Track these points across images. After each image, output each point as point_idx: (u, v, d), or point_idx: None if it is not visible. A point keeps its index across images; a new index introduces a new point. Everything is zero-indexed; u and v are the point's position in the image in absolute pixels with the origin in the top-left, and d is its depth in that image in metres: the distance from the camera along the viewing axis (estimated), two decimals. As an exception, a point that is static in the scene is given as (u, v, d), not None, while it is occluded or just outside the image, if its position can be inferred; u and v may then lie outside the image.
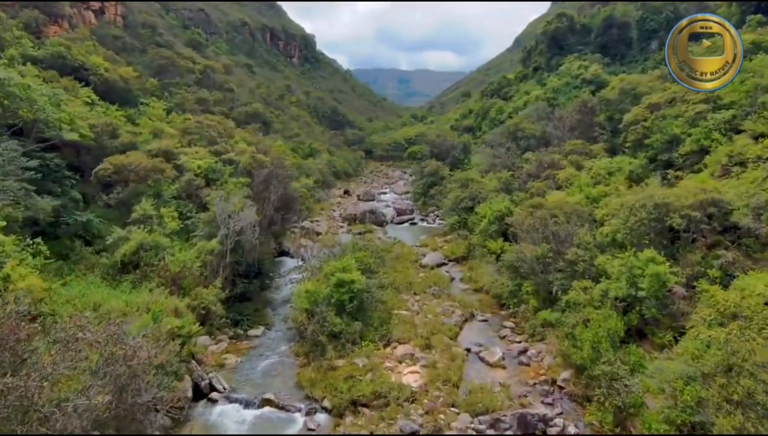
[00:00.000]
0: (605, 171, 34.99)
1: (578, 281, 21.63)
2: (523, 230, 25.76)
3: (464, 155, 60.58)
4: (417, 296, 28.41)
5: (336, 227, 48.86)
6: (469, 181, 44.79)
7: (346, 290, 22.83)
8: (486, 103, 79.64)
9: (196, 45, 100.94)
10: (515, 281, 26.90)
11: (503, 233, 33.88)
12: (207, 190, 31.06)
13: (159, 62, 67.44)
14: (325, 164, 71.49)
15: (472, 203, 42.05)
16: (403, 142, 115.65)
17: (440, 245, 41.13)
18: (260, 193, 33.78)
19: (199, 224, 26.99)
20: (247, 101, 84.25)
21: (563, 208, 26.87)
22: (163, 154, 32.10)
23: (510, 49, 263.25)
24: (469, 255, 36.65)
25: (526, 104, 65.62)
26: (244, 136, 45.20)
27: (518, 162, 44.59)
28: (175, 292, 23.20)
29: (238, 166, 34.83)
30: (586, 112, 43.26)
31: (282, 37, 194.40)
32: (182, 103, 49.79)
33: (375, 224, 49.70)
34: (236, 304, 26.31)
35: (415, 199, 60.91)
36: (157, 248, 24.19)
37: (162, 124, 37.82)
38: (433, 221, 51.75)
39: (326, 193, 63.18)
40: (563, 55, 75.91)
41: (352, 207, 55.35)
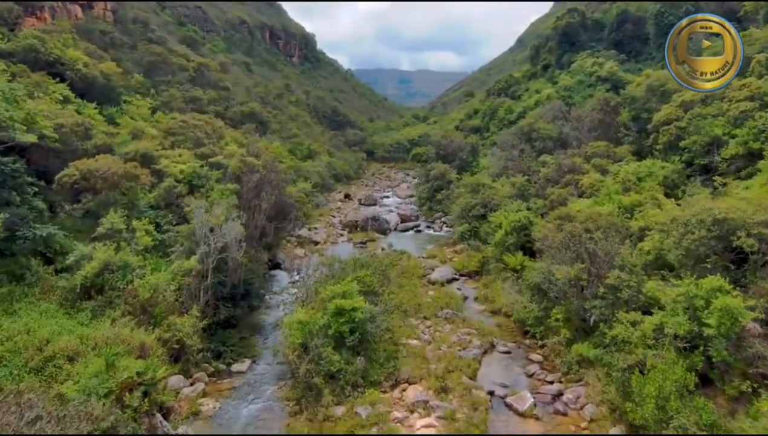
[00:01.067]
0: (635, 176, 31.42)
1: (623, 312, 18.07)
2: (552, 247, 22.14)
3: (472, 157, 57.00)
4: (427, 321, 24.85)
5: (336, 235, 45.31)
6: (479, 185, 41.22)
7: (346, 320, 19.29)
8: (494, 103, 76.08)
9: (192, 42, 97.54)
10: (541, 304, 23.32)
11: (522, 245, 30.34)
12: (190, 198, 27.52)
13: (149, 59, 63.99)
14: (325, 166, 67.99)
15: (484, 211, 38.50)
16: (405, 142, 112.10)
17: (449, 257, 37.57)
18: (250, 201, 30.24)
19: (178, 238, 23.42)
20: (244, 100, 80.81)
21: (597, 220, 23.28)
22: (140, 157, 28.61)
23: (512, 49, 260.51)
24: (482, 269, 33.07)
25: (537, 103, 62.06)
26: (236, 137, 41.68)
27: (534, 166, 41.02)
28: (145, 322, 19.66)
29: (227, 171, 31.28)
30: (609, 111, 39.69)
31: (282, 36, 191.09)
32: (169, 101, 46.27)
33: (378, 232, 46.16)
34: (219, 331, 22.75)
35: (419, 203, 57.35)
36: (125, 269, 20.63)
37: (143, 124, 34.31)
38: (440, 229, 48.19)
39: (325, 198, 59.64)
40: (575, 52, 72.34)
41: (352, 213, 51.81)
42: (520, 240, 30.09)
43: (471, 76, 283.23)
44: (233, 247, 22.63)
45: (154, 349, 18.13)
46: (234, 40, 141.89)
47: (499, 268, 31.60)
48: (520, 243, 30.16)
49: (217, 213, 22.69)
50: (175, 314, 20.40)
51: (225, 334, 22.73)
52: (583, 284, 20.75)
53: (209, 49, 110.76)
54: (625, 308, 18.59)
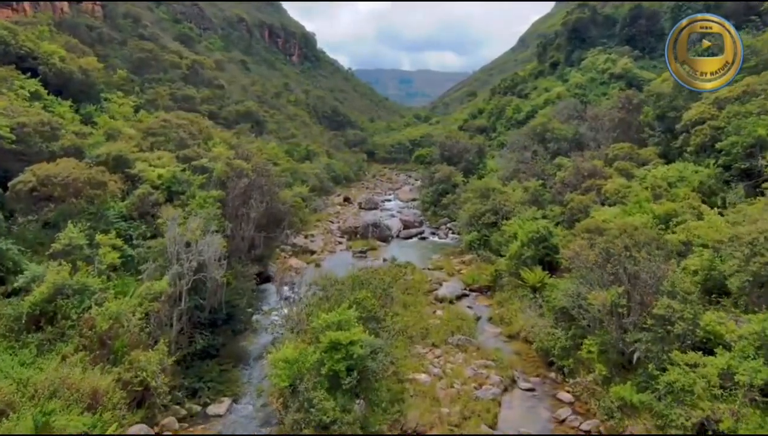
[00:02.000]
0: (665, 182, 28.25)
1: (677, 351, 14.92)
2: (585, 267, 18.96)
3: (479, 159, 53.82)
4: (437, 349, 21.67)
5: (334, 243, 42.15)
6: (489, 190, 38.07)
7: (342, 357, 16.11)
8: (500, 102, 72.87)
9: (186, 40, 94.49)
10: (569, 331, 20.17)
11: (540, 259, 27.18)
12: (167, 207, 24.40)
13: (139, 55, 60.89)
14: (323, 168, 64.85)
15: (495, 218, 35.36)
16: (407, 143, 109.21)
17: (458, 269, 34.39)
18: (237, 210, 27.12)
19: (150, 254, 20.28)
20: (240, 99, 77.75)
21: (633, 235, 20.10)
22: (113, 160, 25.49)
23: (514, 49, 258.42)
24: (495, 284, 29.90)
25: (547, 102, 58.88)
26: (227, 138, 38.56)
27: (548, 169, 37.85)
28: (103, 358, 16.57)
29: (212, 176, 28.15)
30: (631, 109, 36.52)
31: (281, 35, 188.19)
32: (155, 99, 43.16)
33: (379, 240, 43.00)
34: (196, 363, 19.61)
35: (423, 208, 54.20)
36: (83, 294, 17.51)
37: (120, 124, 31.19)
38: (446, 235, 45.02)
39: (323, 202, 56.51)
40: (585, 48, 69.15)
41: (352, 218, 48.66)
42: (539, 253, 26.93)
43: (472, 76, 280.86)
44: (212, 265, 19.47)
45: (110, 395, 15.02)
46: (232, 39, 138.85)
47: (514, 283, 28.44)
48: (539, 256, 27.00)
49: (193, 227, 19.50)
50: (141, 348, 17.28)
51: (203, 366, 19.55)
52: (623, 311, 17.61)
53: (205, 46, 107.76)
54: (677, 344, 15.46)
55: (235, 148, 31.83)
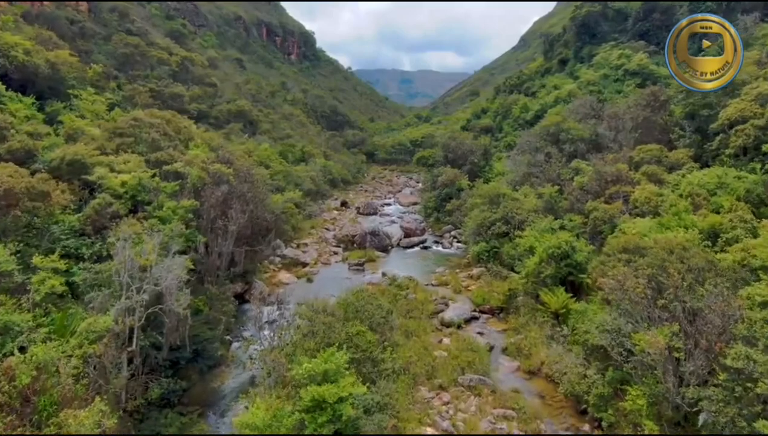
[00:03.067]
0: (704, 189, 24.72)
1: (762, 421, 11.40)
2: (628, 299, 15.41)
3: (485, 161, 50.29)
4: (444, 393, 18.13)
5: (328, 253, 38.61)
6: (498, 196, 34.53)
7: (328, 419, 12.66)
8: (506, 100, 69.31)
9: (178, 36, 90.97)
10: (607, 375, 16.63)
11: (562, 278, 23.66)
12: (129, 220, 20.88)
13: (123, 51, 57.36)
14: (320, 171, 61.31)
15: (506, 228, 31.83)
16: (408, 144, 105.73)
17: (465, 284, 30.85)
18: (213, 222, 23.58)
19: (98, 281, 16.75)
20: (233, 98, 74.23)
21: (684, 257, 16.55)
22: (67, 165, 21.98)
23: (515, 48, 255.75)
24: (509, 305, 26.36)
25: (558, 100, 55.34)
26: (210, 139, 35.04)
27: (564, 173, 34.31)
28: (26, 419, 13.07)
29: (186, 182, 24.61)
30: (656, 107, 32.97)
31: (279, 33, 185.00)
32: (132, 96, 39.64)
33: (378, 249, 39.48)
34: (153, 414, 16.10)
35: (425, 213, 50.65)
36: (4, 336, 14.02)
37: (83, 123, 27.65)
38: (450, 245, 41.48)
39: (319, 207, 52.95)
40: (596, 44, 65.58)
41: (349, 225, 45.15)
42: (561, 271, 23.40)
43: (473, 75, 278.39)
44: (172, 295, 15.93)
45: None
46: (228, 36, 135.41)
47: (531, 305, 24.96)
48: (561, 275, 23.48)
49: (149, 248, 15.97)
50: (76, 404, 13.78)
51: (160, 418, 16.04)
52: (680, 356, 14.10)
53: (199, 43, 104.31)
54: (760, 407, 11.95)
55: (216, 151, 28.33)
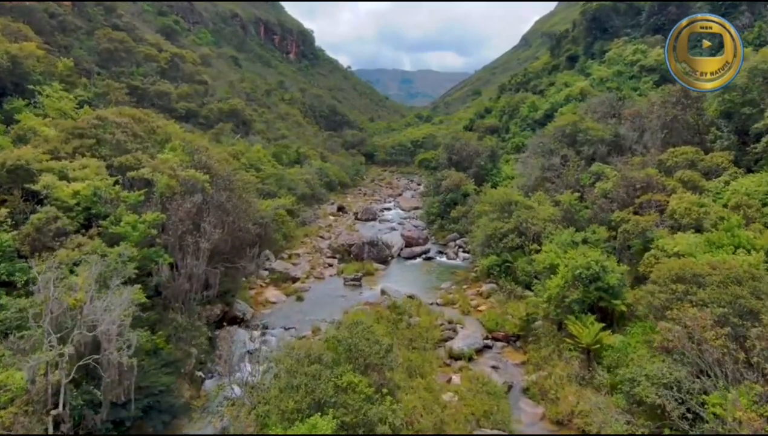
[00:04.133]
0: (757, 200, 21.28)
1: None
2: (698, 352, 11.95)
3: (492, 164, 46.86)
4: (457, 456, 14.70)
5: (322, 266, 35.16)
6: (510, 203, 31.08)
7: None
8: (513, 99, 65.80)
9: (170, 33, 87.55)
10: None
11: (592, 304, 20.21)
12: (79, 237, 17.47)
13: (106, 46, 53.92)
14: (315, 173, 57.85)
15: (521, 240, 28.40)
16: (408, 144, 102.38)
17: (474, 303, 27.41)
18: (182, 238, 20.14)
19: (21, 321, 13.32)
20: (225, 96, 70.81)
21: (758, 289, 13.10)
22: (9, 172, 18.57)
23: (517, 47, 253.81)
24: (527, 332, 22.91)
25: (569, 98, 51.88)
26: (193, 140, 31.58)
27: (584, 178, 30.86)
28: None
29: (153, 191, 21.18)
30: (688, 104, 29.53)
31: (277, 32, 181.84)
32: (106, 92, 36.19)
33: (376, 261, 36.04)
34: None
35: (428, 219, 47.20)
36: None
37: (36, 123, 24.24)
38: (456, 255, 38.02)
39: (314, 213, 49.50)
40: (607, 39, 62.12)
41: (345, 233, 41.70)
42: (590, 296, 19.95)
43: (474, 75, 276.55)
44: (111, 342, 12.49)
45: None
46: (224, 34, 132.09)
47: (552, 332, 21.55)
48: (590, 301, 20.03)
49: (81, 282, 12.52)
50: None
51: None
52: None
53: (192, 41, 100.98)
54: None
55: (192, 154, 24.88)
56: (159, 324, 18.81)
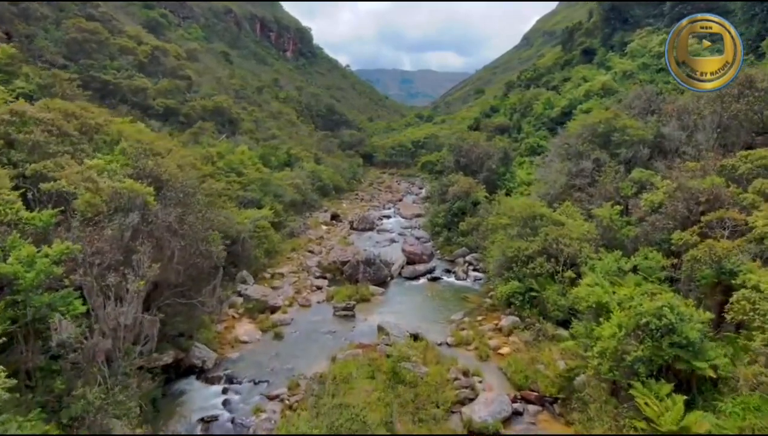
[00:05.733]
0: None
1: None
2: None
3: (505, 168, 41.49)
4: None
5: (309, 289, 29.81)
6: (534, 217, 25.72)
7: None
8: (525, 96, 60.35)
9: (155, 26, 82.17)
10: None
11: (663, 366, 14.82)
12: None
13: (74, 35, 48.59)
14: (307, 177, 52.47)
15: (552, 266, 23.02)
16: (409, 145, 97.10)
17: (493, 344, 21.99)
18: (104, 276, 14.75)
19: None
20: (211, 93, 65.45)
21: None
22: None
23: (518, 47, 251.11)
24: (568, 392, 17.51)
25: (589, 94, 46.51)
26: (153, 140, 26.25)
27: (624, 187, 25.49)
28: None
29: (72, 209, 15.81)
30: (753, 98, 24.17)
31: (274, 29, 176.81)
32: (51, 85, 30.82)
33: (373, 282, 30.70)
34: None
35: (432, 230, 41.83)
36: None
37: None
38: (466, 274, 32.63)
39: (304, 222, 44.14)
40: (628, 30, 56.81)
41: (338, 248, 36.31)
42: (662, 355, 14.56)
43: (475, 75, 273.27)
44: None
45: None
46: (216, 30, 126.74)
47: (603, 395, 16.18)
48: (663, 361, 14.65)
49: None
50: None
51: None
52: None
53: (181, 35, 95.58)
54: None
55: (135, 160, 19.48)
56: (67, 399, 13.52)
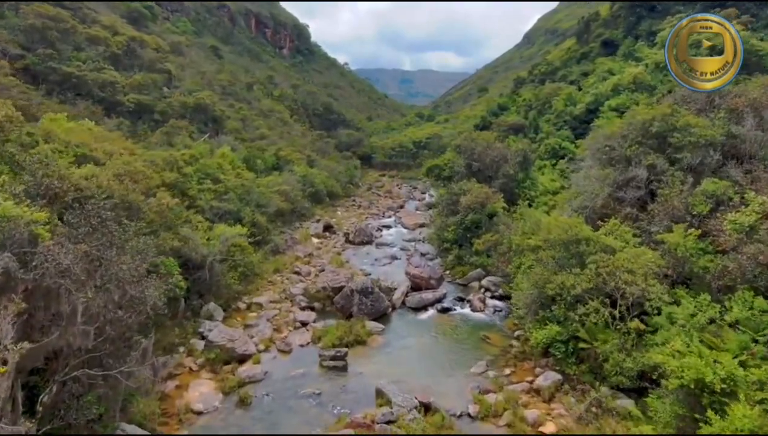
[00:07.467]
0: None
1: None
2: None
3: (524, 173, 35.73)
4: None
5: (291, 325, 24.02)
6: (578, 241, 19.89)
7: None
8: (542, 91, 54.45)
9: (137, 18, 76.31)
10: None
11: None
12: None
13: (32, 22, 42.82)
14: (298, 182, 46.66)
15: (611, 312, 17.24)
16: (410, 145, 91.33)
17: (532, 417, 16.18)
18: None
19: None
20: (194, 89, 59.63)
21: None
22: None
23: (519, 46, 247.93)
24: None
25: (617, 89, 40.75)
26: (87, 142, 20.42)
27: (695, 203, 19.70)
28: None
29: None
30: None
31: (270, 25, 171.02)
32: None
33: (371, 317, 24.93)
34: None
35: (440, 245, 36.01)
36: None
37: None
38: (483, 304, 26.81)
39: (292, 236, 38.30)
40: (656, 18, 51.08)
41: (330, 270, 30.54)
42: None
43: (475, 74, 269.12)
44: None
45: None
46: (207, 24, 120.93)
47: None
48: None
49: None
50: None
51: None
52: None
53: (167, 29, 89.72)
54: None
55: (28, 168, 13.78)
56: None
